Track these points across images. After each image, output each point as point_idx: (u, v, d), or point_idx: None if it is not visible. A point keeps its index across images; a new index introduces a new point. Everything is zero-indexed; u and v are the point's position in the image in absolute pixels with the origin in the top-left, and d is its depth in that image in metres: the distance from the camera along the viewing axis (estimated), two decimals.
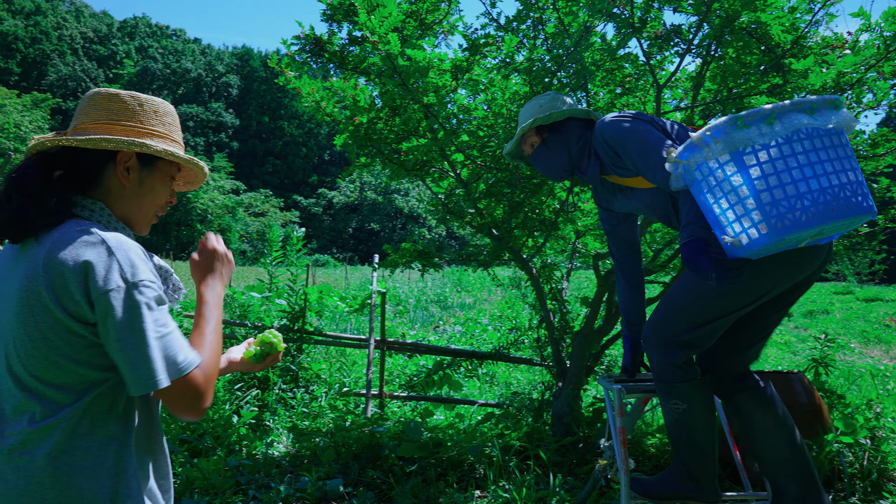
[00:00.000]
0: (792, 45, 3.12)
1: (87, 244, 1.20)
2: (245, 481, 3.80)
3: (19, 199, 1.25)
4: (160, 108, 1.43)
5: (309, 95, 4.10)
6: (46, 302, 1.18)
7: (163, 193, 1.45)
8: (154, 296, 1.23)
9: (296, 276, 5.64)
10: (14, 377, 1.22)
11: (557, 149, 2.54)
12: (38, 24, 66.03)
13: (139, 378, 1.18)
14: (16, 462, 1.19)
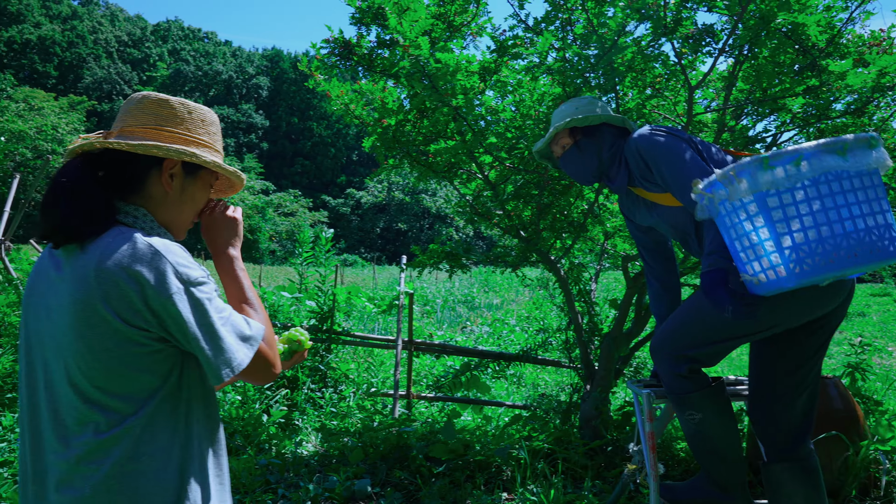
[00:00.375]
0: (827, 45, 3.06)
1: (137, 253, 1.19)
2: (274, 480, 3.84)
3: (68, 204, 1.23)
4: (207, 116, 1.44)
5: (338, 98, 4.14)
6: (103, 314, 1.17)
7: (202, 201, 1.46)
8: (209, 288, 1.26)
9: (324, 277, 5.69)
10: (76, 389, 1.21)
11: (589, 153, 2.49)
12: (75, 29, 67.56)
13: (216, 370, 1.23)
14: (83, 471, 1.20)
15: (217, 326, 1.24)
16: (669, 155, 2.17)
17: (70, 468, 1.21)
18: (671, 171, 2.16)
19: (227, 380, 1.25)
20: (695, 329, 2.23)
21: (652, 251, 2.72)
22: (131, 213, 1.31)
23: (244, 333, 1.29)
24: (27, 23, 64.10)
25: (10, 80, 54.53)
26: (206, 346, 1.22)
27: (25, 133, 35.98)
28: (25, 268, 4.95)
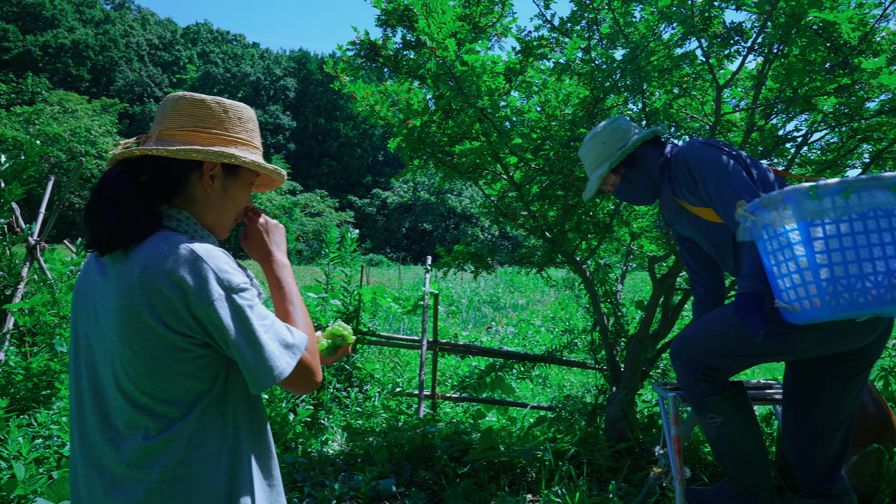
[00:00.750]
0: (860, 42, 3.00)
1: (179, 259, 1.19)
2: (300, 478, 3.88)
3: (113, 212, 1.24)
4: (244, 114, 1.42)
5: (363, 99, 4.17)
6: (148, 320, 1.18)
7: (243, 200, 1.45)
8: (252, 295, 1.26)
9: (350, 277, 5.73)
10: (124, 394, 1.22)
11: (640, 180, 2.47)
12: (107, 33, 68.92)
13: (257, 378, 1.22)
14: (134, 475, 1.21)
15: (259, 334, 1.23)
16: (716, 171, 2.14)
17: (121, 472, 1.22)
18: (717, 187, 2.13)
19: (268, 387, 1.25)
20: (719, 341, 2.21)
21: (696, 257, 2.68)
22: (174, 216, 1.32)
23: (287, 341, 1.27)
24: (61, 27, 65.55)
25: (45, 84, 55.87)
26: (248, 353, 1.21)
27: (60, 135, 36.84)
28: (59, 268, 5.06)
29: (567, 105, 3.73)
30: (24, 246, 5.17)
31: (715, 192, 2.14)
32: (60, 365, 4.01)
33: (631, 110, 3.73)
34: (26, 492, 2.92)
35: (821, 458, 2.23)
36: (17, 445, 3.22)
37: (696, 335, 2.29)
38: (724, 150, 2.22)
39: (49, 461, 3.36)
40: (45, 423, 3.62)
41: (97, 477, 1.24)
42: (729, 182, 2.10)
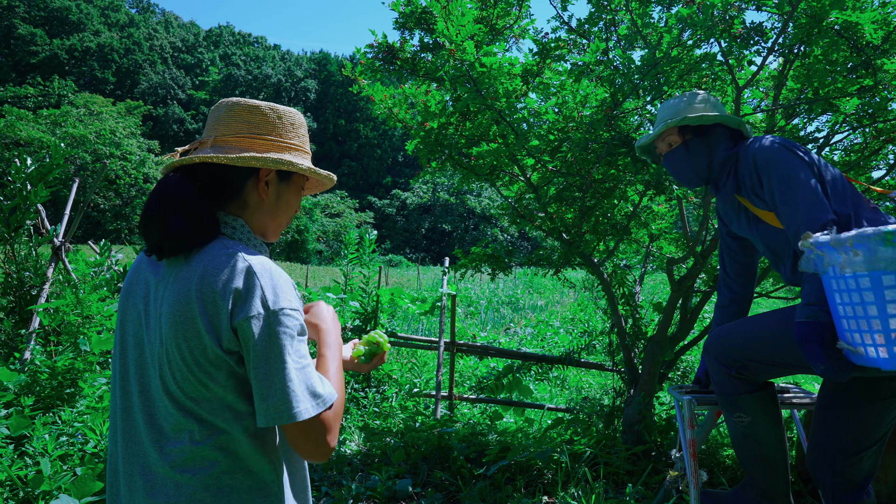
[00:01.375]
0: (883, 42, 2.95)
1: (236, 269, 1.20)
2: (318, 478, 3.92)
3: (178, 217, 1.24)
4: (296, 119, 1.42)
5: (381, 102, 4.19)
6: (199, 327, 1.18)
7: (295, 204, 1.45)
8: (294, 325, 1.21)
9: (368, 278, 5.76)
10: (171, 397, 1.22)
11: (698, 154, 2.30)
12: (132, 36, 69.94)
13: (268, 410, 1.16)
14: (178, 478, 1.21)
15: (288, 366, 1.17)
16: (787, 178, 1.99)
17: (164, 473, 1.22)
18: (784, 195, 1.99)
19: (276, 425, 1.18)
20: (766, 348, 2.14)
21: (735, 261, 2.59)
22: (230, 223, 1.33)
23: (315, 390, 1.20)
24: (87, 31, 66.65)
25: (71, 87, 56.86)
26: (265, 381, 1.17)
27: (86, 137, 37.45)
28: (83, 269, 5.15)
29: (585, 107, 3.72)
30: (50, 247, 5.27)
31: (780, 199, 2.01)
32: (84, 364, 4.08)
33: (650, 112, 3.72)
34: (51, 488, 2.98)
35: (854, 473, 2.13)
36: (43, 442, 3.28)
37: (739, 335, 2.23)
38: (799, 154, 2.06)
39: (73, 458, 3.42)
40: (69, 420, 3.69)
41: (140, 476, 1.25)
42: (798, 191, 1.95)
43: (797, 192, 1.95)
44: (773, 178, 2.02)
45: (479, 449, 4.21)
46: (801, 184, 1.96)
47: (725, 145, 2.28)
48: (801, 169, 1.99)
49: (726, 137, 2.30)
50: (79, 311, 4.39)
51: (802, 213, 1.91)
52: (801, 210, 1.92)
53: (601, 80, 3.43)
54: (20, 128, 34.60)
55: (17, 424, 3.29)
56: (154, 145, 46.15)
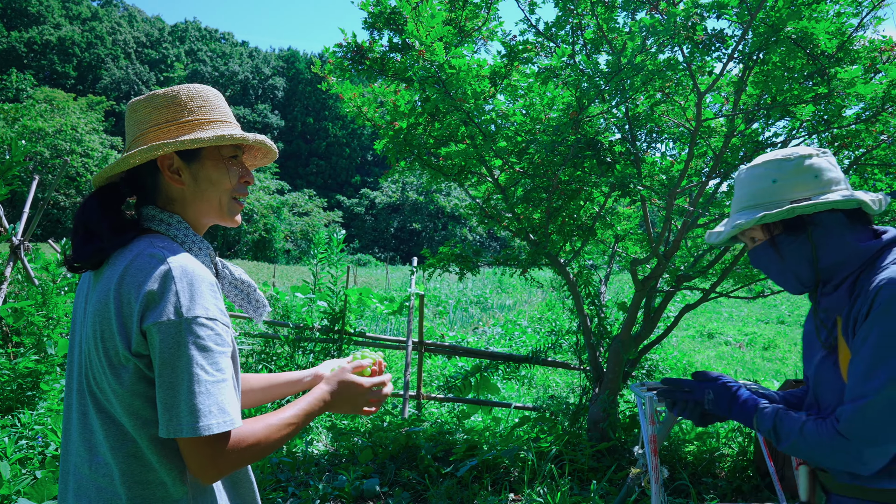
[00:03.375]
0: (837, 50, 3.06)
1: (154, 271, 1.15)
2: (285, 478, 3.90)
3: (80, 235, 1.25)
4: (182, 95, 1.33)
5: (351, 101, 4.19)
6: (113, 328, 1.15)
7: (224, 179, 1.33)
8: (208, 334, 1.14)
9: (336, 277, 5.75)
10: (93, 397, 1.21)
11: (793, 256, 1.53)
12: (94, 30, 68.32)
13: (170, 421, 1.10)
14: (98, 482, 1.19)
15: (197, 377, 1.11)
16: (885, 347, 1.29)
17: (88, 475, 1.21)
18: (874, 377, 1.30)
19: (175, 437, 1.11)
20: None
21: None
22: (166, 220, 1.29)
23: (224, 407, 1.13)
24: (47, 24, 64.93)
25: (30, 81, 55.31)
26: (169, 391, 1.11)
27: (44, 132, 36.49)
28: (53, 269, 5.05)
29: (552, 109, 3.77)
30: (7, 246, 5.15)
31: (870, 357, 1.32)
32: (47, 366, 4.01)
33: (615, 115, 3.78)
34: (10, 491, 2.92)
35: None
36: (2, 445, 3.21)
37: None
38: None
39: (33, 462, 3.36)
40: (28, 423, 3.62)
41: (72, 476, 1.25)
42: (891, 392, 1.27)
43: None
44: (880, 334, 1.31)
45: (447, 448, 4.24)
46: None
47: (839, 241, 1.47)
48: None
49: (842, 226, 1.47)
50: (44, 311, 4.30)
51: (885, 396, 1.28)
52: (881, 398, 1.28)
53: (567, 85, 3.48)
54: None
55: None
56: (117, 142, 45.14)
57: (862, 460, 1.29)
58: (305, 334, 5.66)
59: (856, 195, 1.43)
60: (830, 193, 1.45)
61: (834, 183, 1.47)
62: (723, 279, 4.27)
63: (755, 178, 1.55)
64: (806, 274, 1.52)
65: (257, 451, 1.19)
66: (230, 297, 1.47)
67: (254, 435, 1.19)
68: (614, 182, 3.62)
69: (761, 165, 1.54)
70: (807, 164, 1.48)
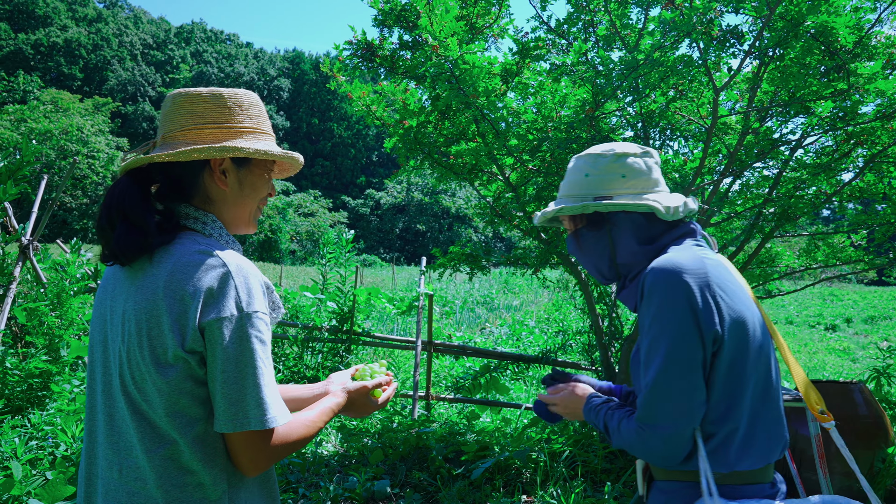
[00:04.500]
0: (855, 46, 3.02)
1: (208, 268, 1.15)
2: (295, 479, 3.87)
3: (123, 225, 1.20)
4: (244, 100, 1.33)
5: (360, 99, 4.16)
6: (163, 326, 1.13)
7: (263, 188, 1.37)
8: (266, 329, 1.17)
9: (344, 278, 5.72)
10: (128, 398, 1.17)
11: (592, 249, 1.58)
12: (100, 31, 68.56)
13: (235, 415, 1.11)
14: (130, 486, 1.17)
15: (260, 371, 1.13)
16: (663, 338, 1.30)
17: (118, 479, 1.18)
18: (650, 364, 1.33)
19: (239, 431, 1.12)
20: None
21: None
22: (200, 218, 1.27)
23: (280, 400, 1.17)
24: (54, 26, 65.20)
25: (37, 82, 55.57)
26: (235, 385, 1.11)
27: (51, 132, 36.64)
28: (72, 270, 5.04)
29: (563, 107, 3.74)
30: (16, 246, 5.14)
31: (644, 360, 1.36)
32: (58, 367, 3.99)
33: (629, 113, 3.75)
34: (22, 492, 2.90)
35: None
36: (13, 446, 3.20)
37: None
38: (693, 298, 1.30)
39: (43, 462, 3.34)
40: (38, 424, 3.60)
41: (99, 479, 1.22)
42: (666, 376, 1.29)
43: (666, 379, 1.30)
44: (649, 326, 1.34)
45: (457, 449, 4.20)
46: (672, 369, 1.30)
47: (633, 239, 1.51)
48: (682, 345, 1.29)
49: (640, 227, 1.50)
50: (58, 312, 4.29)
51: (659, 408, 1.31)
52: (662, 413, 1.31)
53: (583, 81, 3.44)
54: None
55: None
56: (123, 143, 45.32)
57: (660, 450, 1.32)
58: (314, 334, 5.63)
59: (648, 200, 1.46)
60: (632, 195, 1.49)
61: (643, 185, 1.51)
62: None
63: (576, 168, 1.58)
64: (606, 268, 1.58)
65: (297, 446, 1.22)
66: None
67: (297, 431, 1.21)
68: None
69: (583, 157, 1.57)
70: (618, 164, 1.51)
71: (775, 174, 3.98)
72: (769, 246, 4.43)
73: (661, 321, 1.31)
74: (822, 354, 10.33)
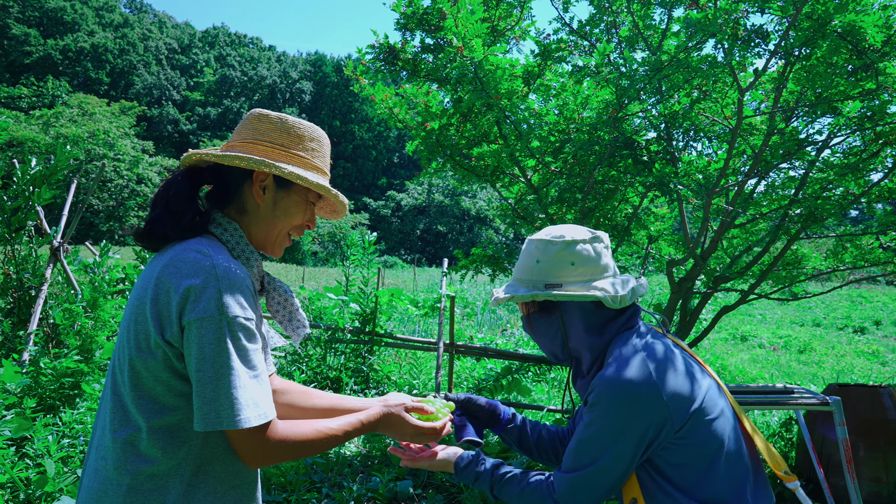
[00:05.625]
0: (883, 45, 2.98)
1: (197, 267, 1.18)
2: (319, 479, 3.91)
3: (159, 210, 1.27)
4: (306, 132, 1.40)
5: (382, 102, 4.20)
6: (147, 313, 1.17)
7: (297, 216, 1.40)
8: (246, 333, 1.18)
9: (367, 279, 5.76)
10: (113, 379, 1.24)
11: (545, 332, 1.61)
12: (126, 37, 69.69)
13: (208, 414, 1.12)
14: (97, 464, 1.22)
15: (230, 373, 1.14)
16: (596, 432, 1.40)
17: (94, 456, 1.24)
18: (580, 443, 1.43)
19: (217, 428, 1.14)
20: None
21: None
22: (223, 224, 1.33)
23: (257, 401, 1.16)
24: (81, 31, 66.39)
25: (65, 87, 56.64)
26: (210, 385, 1.13)
27: (79, 137, 37.33)
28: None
29: (585, 108, 3.73)
30: (48, 248, 5.25)
31: (576, 440, 1.45)
32: (90, 368, 4.08)
33: (652, 114, 3.73)
34: (54, 489, 2.97)
35: None
36: (45, 444, 3.27)
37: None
38: (641, 408, 1.36)
39: (74, 460, 3.41)
40: (69, 422, 3.67)
41: (91, 453, 1.27)
42: (588, 462, 1.41)
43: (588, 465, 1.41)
44: (588, 425, 1.42)
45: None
46: (601, 456, 1.39)
47: (581, 327, 1.53)
48: (622, 439, 1.37)
49: (590, 314, 1.53)
50: (93, 314, 4.38)
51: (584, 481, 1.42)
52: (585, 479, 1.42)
53: (607, 83, 3.43)
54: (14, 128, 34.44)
55: (19, 426, 3.27)
56: (148, 146, 46.03)
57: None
58: (337, 336, 5.68)
59: (595, 291, 1.48)
60: (581, 283, 1.51)
61: (591, 271, 1.53)
62: (762, 280, 4.18)
63: (527, 253, 1.60)
64: (559, 350, 1.60)
65: (301, 448, 1.24)
66: (275, 315, 1.47)
67: (301, 434, 1.24)
68: (652, 181, 3.57)
69: (535, 241, 1.59)
70: (567, 251, 1.53)
71: (801, 175, 3.93)
72: (795, 247, 4.37)
73: (601, 429, 1.38)
74: (851, 357, 10.16)
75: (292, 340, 1.51)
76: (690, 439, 1.36)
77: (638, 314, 1.56)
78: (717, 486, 1.36)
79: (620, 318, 1.52)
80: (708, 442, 1.37)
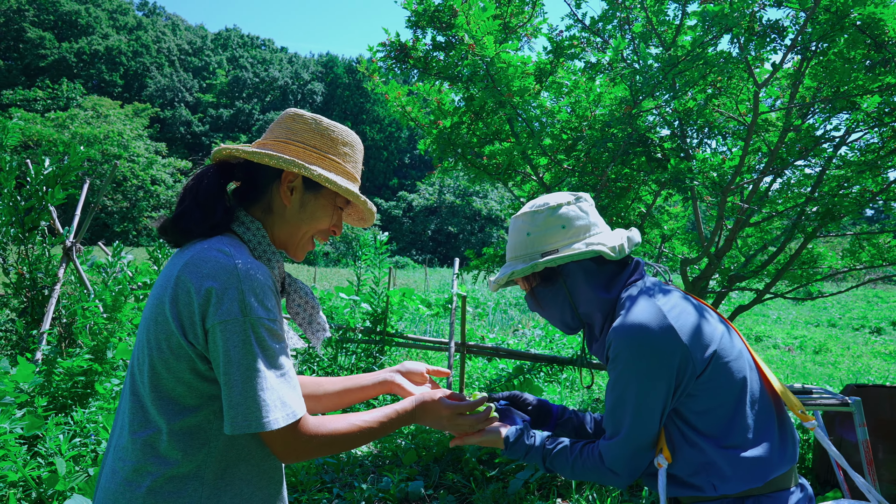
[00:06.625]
0: None
1: (219, 267, 1.15)
2: (330, 479, 3.90)
3: (188, 203, 1.25)
4: (340, 136, 1.38)
5: (395, 100, 4.18)
6: (167, 313, 1.15)
7: (323, 220, 1.37)
8: (270, 334, 1.16)
9: (378, 279, 5.75)
10: (132, 378, 1.22)
11: (552, 304, 1.59)
12: (139, 39, 70.24)
13: (236, 417, 1.12)
14: (115, 465, 1.19)
15: (260, 374, 1.13)
16: (623, 389, 1.38)
17: (111, 457, 1.22)
18: (613, 406, 1.43)
19: (247, 431, 1.13)
20: None
21: None
22: (246, 223, 1.30)
23: (285, 401, 1.16)
24: (96, 34, 66.99)
25: (79, 90, 57.14)
26: (237, 387, 1.12)
27: (95, 138, 37.68)
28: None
29: (598, 106, 3.69)
30: (61, 248, 5.28)
31: (609, 407, 1.45)
32: (104, 368, 4.09)
33: (666, 111, 3.69)
34: (66, 488, 2.97)
35: None
36: (57, 442, 3.28)
37: None
38: (665, 353, 1.34)
39: (86, 459, 3.41)
40: (81, 421, 3.68)
41: (109, 451, 1.25)
42: (628, 419, 1.40)
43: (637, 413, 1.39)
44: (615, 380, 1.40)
45: (491, 450, 4.18)
46: (638, 409, 1.39)
47: (587, 286, 1.52)
48: (651, 384, 1.36)
49: (592, 273, 1.52)
50: (110, 315, 4.39)
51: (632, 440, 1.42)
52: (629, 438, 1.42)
53: (621, 79, 3.40)
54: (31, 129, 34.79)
55: (31, 425, 3.28)
56: (161, 147, 46.33)
57: (620, 481, 1.45)
58: (348, 335, 5.67)
59: (593, 246, 1.47)
60: (577, 243, 1.50)
61: (584, 231, 1.52)
62: (778, 279, 4.12)
63: (516, 230, 1.59)
64: (570, 318, 1.58)
65: (336, 442, 1.24)
66: (295, 317, 1.45)
67: (334, 428, 1.24)
68: (666, 179, 3.53)
69: (520, 217, 1.58)
70: (555, 216, 1.53)
71: (818, 172, 3.87)
72: (811, 246, 4.31)
73: (628, 385, 1.37)
74: (867, 358, 10.03)
75: (312, 344, 1.49)
76: (713, 383, 1.35)
77: (641, 266, 1.55)
78: (745, 430, 1.35)
79: (624, 272, 1.52)
80: (730, 384, 1.36)
